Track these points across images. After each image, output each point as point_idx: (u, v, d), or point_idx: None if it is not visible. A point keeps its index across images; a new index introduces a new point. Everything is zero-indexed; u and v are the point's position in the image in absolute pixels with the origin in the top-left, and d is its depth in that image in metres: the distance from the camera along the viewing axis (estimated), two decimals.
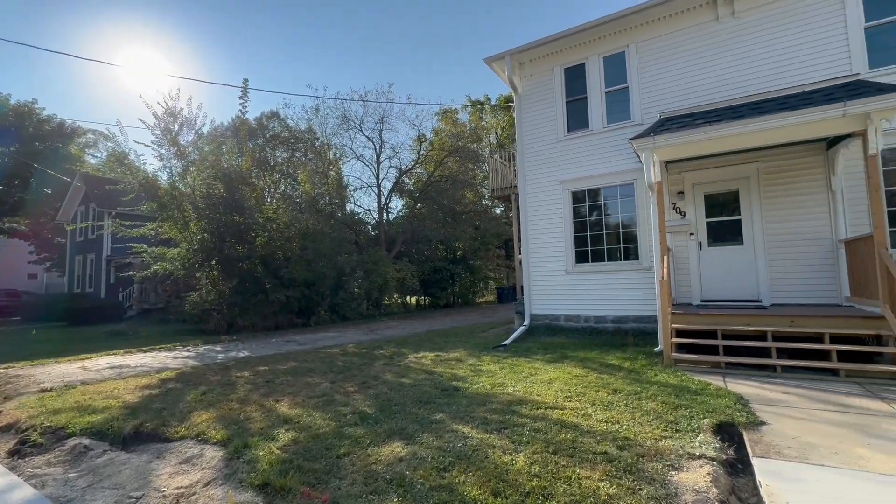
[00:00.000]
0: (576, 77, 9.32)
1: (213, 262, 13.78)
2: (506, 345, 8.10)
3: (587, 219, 9.11)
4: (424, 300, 25.25)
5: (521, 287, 10.13)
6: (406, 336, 10.87)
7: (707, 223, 7.91)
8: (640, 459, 2.98)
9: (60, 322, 19.05)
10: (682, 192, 8.04)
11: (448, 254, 25.12)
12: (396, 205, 27.85)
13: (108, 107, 59.44)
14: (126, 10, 57.59)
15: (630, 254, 8.58)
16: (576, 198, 9.23)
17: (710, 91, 7.77)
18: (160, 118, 13.31)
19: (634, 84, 8.61)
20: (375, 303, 18.75)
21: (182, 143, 13.85)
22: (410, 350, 8.13)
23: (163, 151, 13.75)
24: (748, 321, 5.91)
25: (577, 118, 9.27)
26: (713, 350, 5.92)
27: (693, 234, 7.94)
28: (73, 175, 25.55)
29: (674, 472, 2.82)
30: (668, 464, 2.93)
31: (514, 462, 3.00)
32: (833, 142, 6.65)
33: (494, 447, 3.27)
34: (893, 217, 6.41)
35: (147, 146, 13.62)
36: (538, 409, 4.12)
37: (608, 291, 8.67)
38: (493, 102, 30.75)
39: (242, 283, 13.91)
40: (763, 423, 3.63)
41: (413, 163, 24.92)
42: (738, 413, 3.82)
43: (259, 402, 4.85)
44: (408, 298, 24.69)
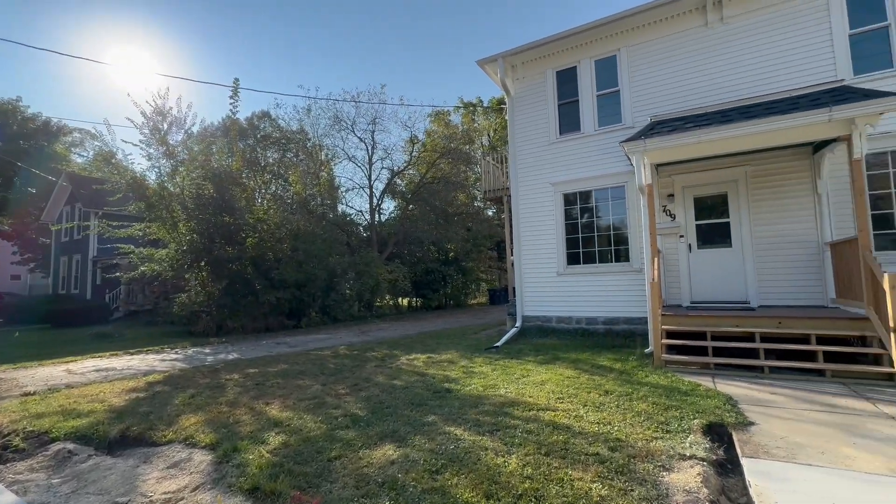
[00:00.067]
0: (568, 80, 9.39)
1: (203, 264, 13.61)
2: (498, 346, 8.11)
3: (579, 221, 9.17)
4: (416, 302, 25.21)
5: (513, 289, 10.16)
6: (398, 338, 10.83)
7: (696, 225, 8.01)
8: (632, 460, 3.00)
9: (44, 324, 18.66)
10: (672, 195, 8.13)
11: (440, 255, 25.10)
12: (388, 206, 27.80)
13: (96, 106, 58.59)
14: (114, 9, 56.88)
15: (621, 256, 8.65)
16: (567, 200, 9.29)
17: (701, 95, 7.87)
18: (149, 117, 13.11)
19: (625, 87, 8.70)
20: (367, 304, 18.66)
21: (171, 143, 13.65)
22: (402, 352, 8.09)
23: (151, 151, 13.54)
24: (737, 322, 5.99)
25: (569, 121, 9.34)
26: (703, 351, 5.98)
27: (683, 237, 8.03)
28: (59, 174, 25.06)
29: (665, 473, 2.84)
30: (660, 464, 2.95)
31: (507, 464, 3.00)
32: (819, 146, 6.78)
33: (487, 449, 3.26)
34: (877, 220, 6.55)
35: (135, 145, 13.41)
36: (530, 411, 4.12)
37: (599, 293, 8.73)
38: (486, 104, 30.84)
39: (232, 285, 13.76)
40: (752, 424, 3.67)
41: (405, 164, 24.91)
42: (728, 414, 3.87)
43: (249, 405, 4.79)
44: (399, 300, 24.62)
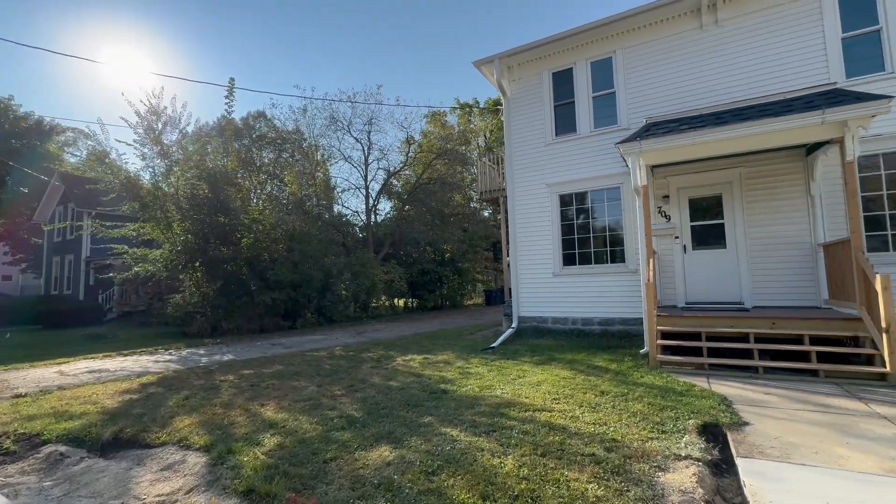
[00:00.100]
0: (564, 81, 9.42)
1: (197, 264, 13.54)
2: (494, 347, 8.11)
3: (574, 222, 9.19)
4: (412, 302, 25.18)
5: (510, 289, 10.17)
6: (394, 339, 10.81)
7: (691, 227, 8.05)
8: (628, 461, 3.01)
9: (36, 325, 18.49)
10: (668, 196, 8.17)
11: (436, 256, 25.10)
12: (385, 207, 27.80)
13: (89, 105, 58.08)
14: (109, 8, 56.44)
15: (616, 257, 8.68)
16: (563, 201, 9.31)
17: (696, 97, 7.92)
18: (143, 117, 13.03)
19: (621, 89, 8.74)
20: (363, 305, 18.62)
21: (165, 143, 13.57)
22: (398, 353, 8.08)
23: (145, 151, 13.45)
24: (731, 323, 6.02)
25: (565, 122, 9.37)
26: (697, 352, 6.01)
27: (678, 238, 8.07)
28: (51, 174, 24.86)
29: (660, 473, 2.85)
30: (655, 465, 2.96)
31: (503, 465, 3.00)
32: (812, 148, 6.84)
33: (483, 450, 3.26)
34: (869, 222, 6.62)
35: (129, 145, 13.31)
36: (526, 412, 4.13)
37: (595, 294, 8.75)
38: (482, 105, 30.87)
39: (227, 286, 13.68)
40: (746, 424, 3.69)
41: (401, 165, 24.91)
42: (722, 414, 3.89)
43: (244, 407, 4.76)
44: (395, 301, 24.60)
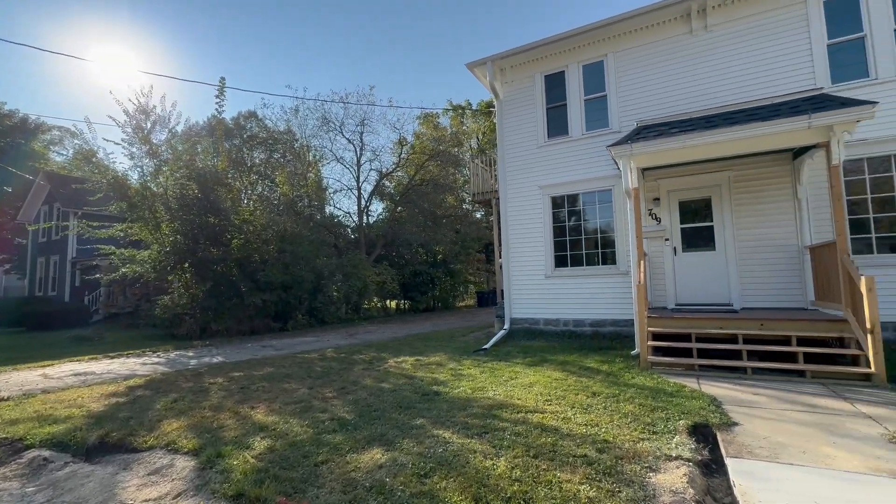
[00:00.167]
0: (556, 84, 9.48)
1: (186, 265, 13.37)
2: (486, 349, 8.11)
3: (566, 224, 9.24)
4: (404, 304, 25.12)
5: (502, 291, 10.18)
6: (386, 340, 10.77)
7: (681, 229, 8.13)
8: (619, 461, 3.02)
9: (19, 327, 18.12)
10: (658, 199, 8.25)
11: (428, 257, 25.07)
12: (377, 208, 27.68)
13: (76, 103, 57.22)
14: (96, 5, 55.65)
15: (608, 258, 8.75)
16: (555, 203, 9.36)
17: (686, 101, 8.01)
18: (132, 115, 12.86)
19: (612, 92, 8.81)
20: (355, 307, 18.53)
21: (154, 142, 13.40)
22: (390, 354, 8.05)
23: (134, 150, 13.27)
24: (720, 324, 6.09)
25: (557, 125, 9.42)
26: (688, 353, 6.07)
27: (668, 240, 8.15)
28: (37, 173, 24.44)
29: (652, 474, 2.86)
30: (647, 465, 2.97)
31: (496, 467, 2.99)
32: (799, 152, 6.95)
33: (475, 452, 3.25)
34: (854, 225, 6.76)
35: (117, 144, 13.14)
36: (518, 413, 4.13)
37: (586, 295, 8.80)
38: (475, 107, 30.96)
39: (217, 287, 13.53)
40: (735, 424, 3.73)
41: (394, 166, 24.86)
42: (712, 414, 3.92)
43: (233, 410, 4.70)
44: (388, 302, 24.51)
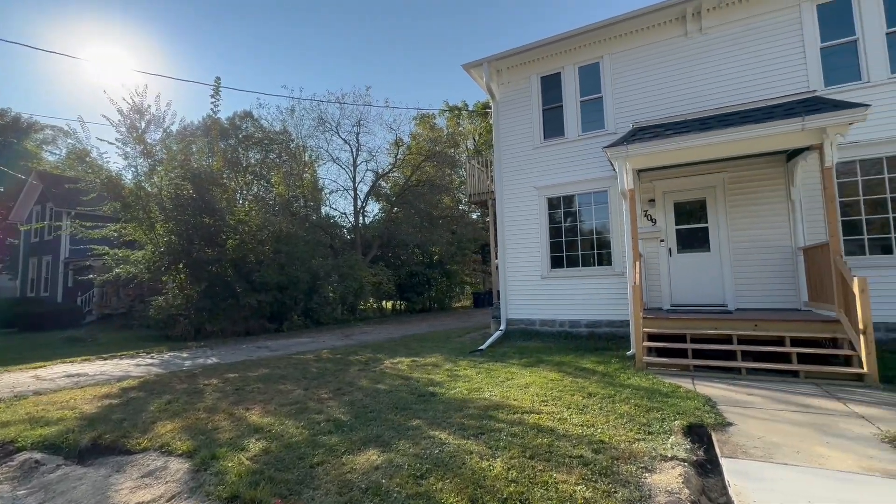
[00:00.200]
0: (552, 86, 9.51)
1: (181, 266, 13.29)
2: (482, 349, 8.11)
3: (562, 225, 9.26)
4: (400, 305, 25.08)
5: (498, 292, 10.19)
6: (382, 341, 10.74)
7: (677, 230, 8.18)
8: (615, 462, 3.03)
9: (10, 328, 17.90)
10: (653, 200, 8.29)
11: (425, 258, 25.06)
12: (373, 208, 27.69)
13: (70, 102, 56.64)
14: (90, 4, 55.22)
15: (603, 259, 8.78)
16: (551, 204, 9.38)
17: (681, 103, 8.06)
18: (126, 115, 12.77)
19: (608, 94, 8.85)
20: (350, 307, 18.48)
21: (149, 142, 13.31)
22: (386, 355, 8.03)
23: (128, 150, 13.19)
24: (715, 325, 6.13)
25: (553, 126, 9.45)
26: (682, 353, 6.10)
27: (663, 241, 8.19)
28: (29, 172, 24.21)
29: (647, 474, 2.87)
30: (642, 466, 2.98)
31: (492, 468, 2.99)
32: (792, 154, 7.01)
33: (472, 453, 3.25)
34: (847, 226, 6.82)
35: (111, 144, 13.04)
36: (515, 414, 4.13)
37: (582, 296, 8.83)
38: (471, 108, 30.98)
39: (212, 287, 13.45)
40: (730, 424, 3.75)
41: (390, 166, 24.86)
42: (707, 414, 3.94)
43: (228, 411, 4.67)
44: (383, 303, 24.47)
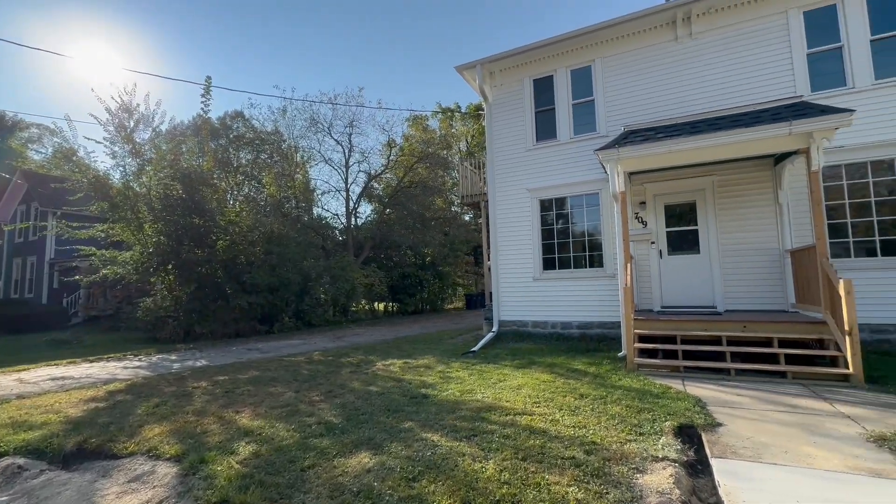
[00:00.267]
0: (545, 88, 9.56)
1: (170, 267, 13.12)
2: (475, 351, 8.11)
3: (554, 227, 9.31)
4: (393, 306, 25.00)
5: (490, 294, 10.20)
6: (374, 343, 10.69)
7: (667, 232, 8.26)
8: (607, 463, 3.04)
9: None
10: (644, 203, 8.37)
11: (417, 260, 25.01)
12: (365, 210, 27.55)
13: (57, 100, 55.68)
14: (81, 1, 54.39)
15: (595, 261, 8.83)
16: (544, 206, 9.42)
17: (671, 106, 8.15)
18: (114, 114, 12.60)
19: (600, 97, 8.92)
20: (342, 309, 18.38)
21: (138, 141, 13.15)
22: (378, 357, 7.99)
23: (116, 149, 13.01)
24: (705, 327, 6.19)
25: (546, 128, 9.50)
26: (673, 354, 6.15)
27: (654, 243, 8.27)
28: (14, 171, 23.80)
29: (639, 475, 2.88)
30: (634, 467, 3.00)
31: (484, 470, 2.99)
32: (780, 158, 7.12)
33: (464, 455, 3.24)
34: (833, 229, 6.95)
35: (99, 143, 12.85)
36: (507, 416, 4.13)
37: (574, 298, 8.87)
38: (464, 110, 31.07)
39: (201, 289, 13.30)
40: (720, 425, 3.79)
41: (383, 168, 24.79)
42: (697, 415, 3.97)
43: (218, 414, 4.61)
44: (376, 305, 24.38)
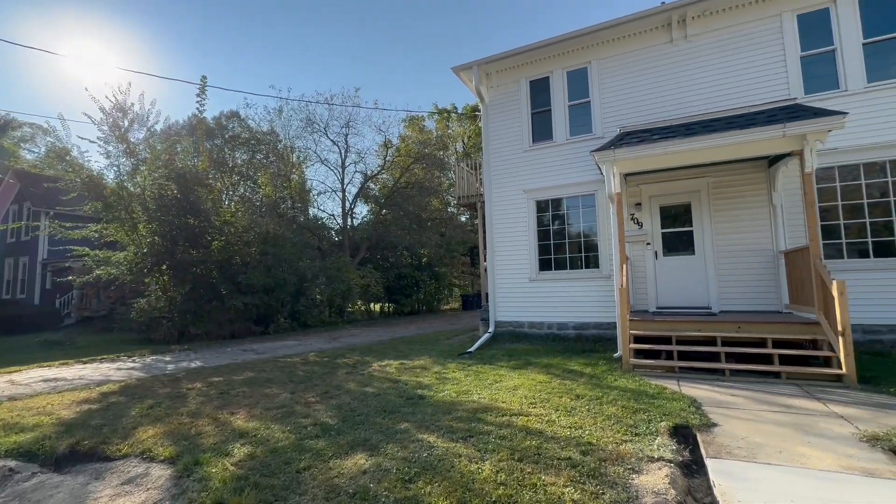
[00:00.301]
0: (541, 90, 9.58)
1: (164, 267, 13.02)
2: (471, 352, 8.11)
3: (550, 228, 9.33)
4: (389, 307, 24.95)
5: (486, 294, 10.21)
6: (370, 344, 10.67)
7: (662, 234, 8.30)
8: (603, 464, 3.05)
9: None
10: (640, 204, 8.40)
11: (413, 260, 24.98)
12: (361, 210, 27.54)
13: (51, 99, 55.12)
14: (76, 2, 53.92)
15: (591, 262, 8.86)
16: (540, 207, 9.44)
17: (667, 108, 8.19)
18: (108, 113, 12.49)
19: (596, 99, 8.95)
20: (338, 310, 18.32)
21: (132, 141, 13.04)
22: (374, 358, 7.97)
23: (110, 148, 12.90)
24: (699, 327, 6.22)
25: (542, 129, 9.52)
26: (668, 355, 6.18)
27: (649, 244, 8.30)
28: (6, 171, 23.59)
29: (634, 476, 2.89)
30: (629, 467, 3.00)
31: (481, 471, 2.98)
32: (774, 160, 7.17)
33: (460, 456, 3.24)
34: (826, 231, 7.01)
35: (92, 142, 12.73)
36: (503, 417, 4.13)
37: (570, 299, 8.89)
38: (460, 111, 31.08)
39: (196, 290, 13.22)
40: (715, 425, 3.80)
41: (379, 168, 24.76)
42: (692, 416, 3.99)
43: (212, 416, 4.58)
44: (372, 305, 24.32)
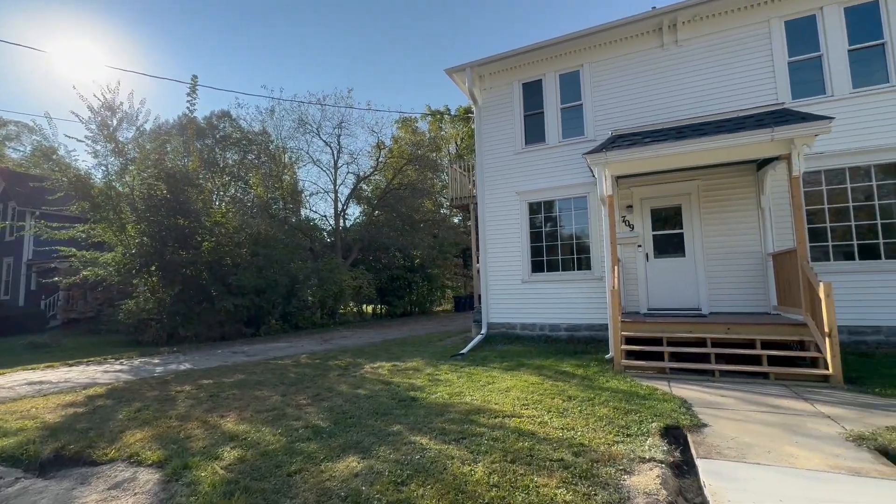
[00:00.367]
0: (534, 92, 9.64)
1: (153, 268, 12.86)
2: (463, 353, 8.11)
3: (543, 229, 9.37)
4: (381, 309, 24.88)
5: (479, 296, 10.22)
6: (362, 345, 10.62)
7: (653, 236, 8.37)
8: (595, 465, 3.06)
9: None
10: (631, 206, 8.48)
11: (406, 262, 24.95)
12: (354, 211, 27.45)
13: (37, 97, 54.29)
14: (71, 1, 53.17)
15: (583, 264, 8.91)
16: (532, 209, 9.48)
17: (658, 111, 8.28)
18: (96, 112, 12.33)
19: (588, 102, 9.02)
20: (330, 311, 18.23)
21: (121, 140, 12.88)
22: (366, 360, 7.94)
23: (98, 148, 12.74)
24: (690, 329, 6.29)
25: (535, 132, 9.57)
26: (659, 356, 6.23)
27: (641, 246, 8.37)
28: None
29: (626, 476, 2.91)
30: (621, 468, 3.02)
31: (473, 473, 2.98)
32: (762, 164, 7.28)
33: (453, 458, 3.23)
34: (813, 233, 7.14)
35: (80, 141, 12.56)
36: (496, 418, 4.13)
37: (562, 300, 8.93)
38: (453, 113, 31.15)
39: (185, 291, 13.07)
40: (705, 426, 3.84)
41: (372, 169, 24.72)
42: (683, 416, 4.03)
43: (202, 419, 4.52)
44: (364, 307, 24.23)
